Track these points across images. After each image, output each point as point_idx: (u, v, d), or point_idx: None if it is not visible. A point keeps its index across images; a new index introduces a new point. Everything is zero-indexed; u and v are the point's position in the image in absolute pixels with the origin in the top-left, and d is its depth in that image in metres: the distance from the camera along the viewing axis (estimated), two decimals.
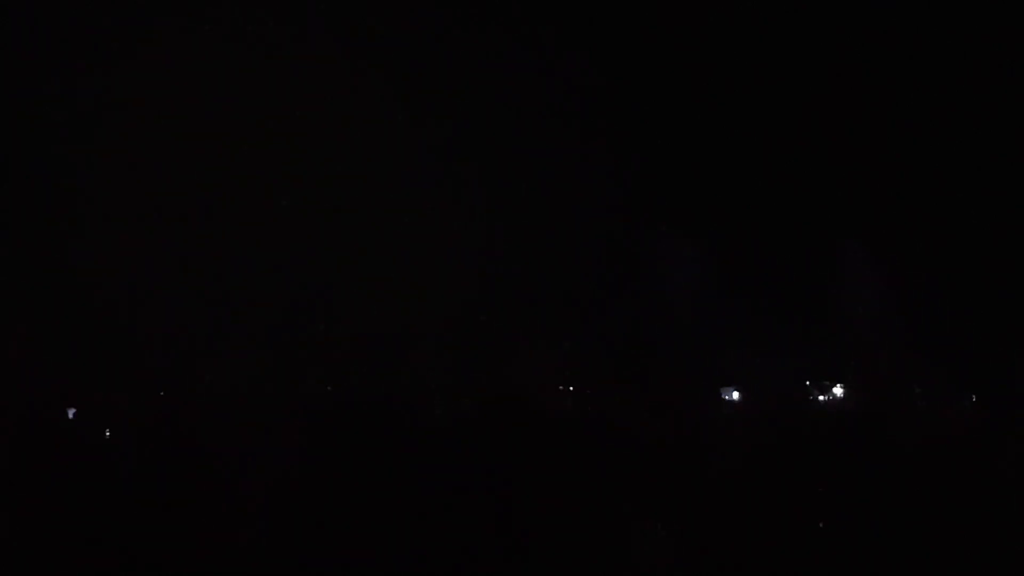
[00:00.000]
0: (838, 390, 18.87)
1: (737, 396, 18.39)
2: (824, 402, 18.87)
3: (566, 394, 17.79)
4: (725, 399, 18.22)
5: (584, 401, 17.67)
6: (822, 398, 18.91)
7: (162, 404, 15.49)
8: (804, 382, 18.90)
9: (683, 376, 17.71)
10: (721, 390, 18.34)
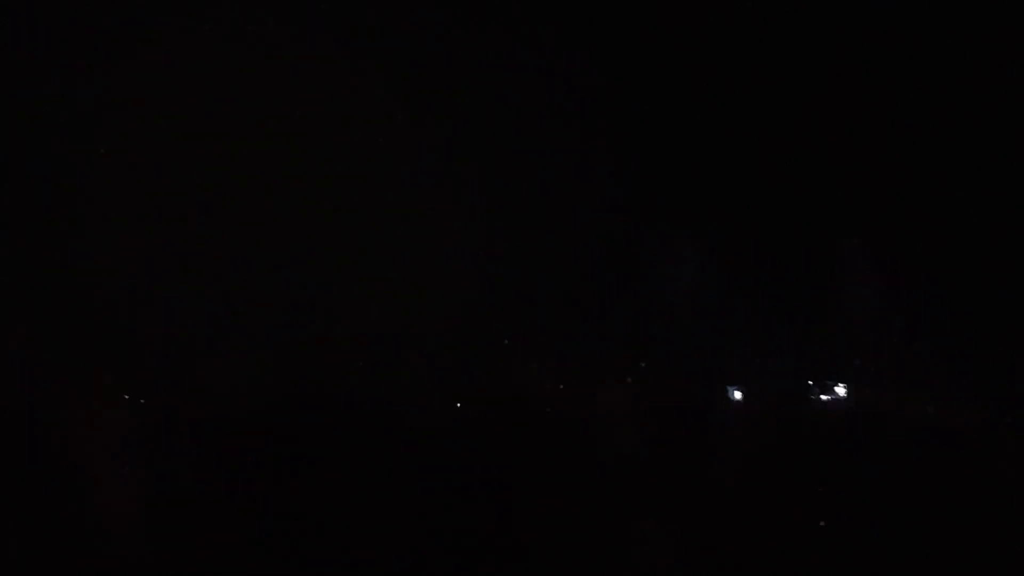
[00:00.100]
0: (841, 390, 18.81)
1: (739, 396, 18.35)
2: (827, 402, 18.81)
3: (567, 394, 17.78)
4: (727, 398, 18.18)
5: (585, 401, 17.65)
6: (824, 398, 18.85)
7: (159, 404, 15.52)
8: (806, 381, 18.85)
9: (684, 376, 17.70)
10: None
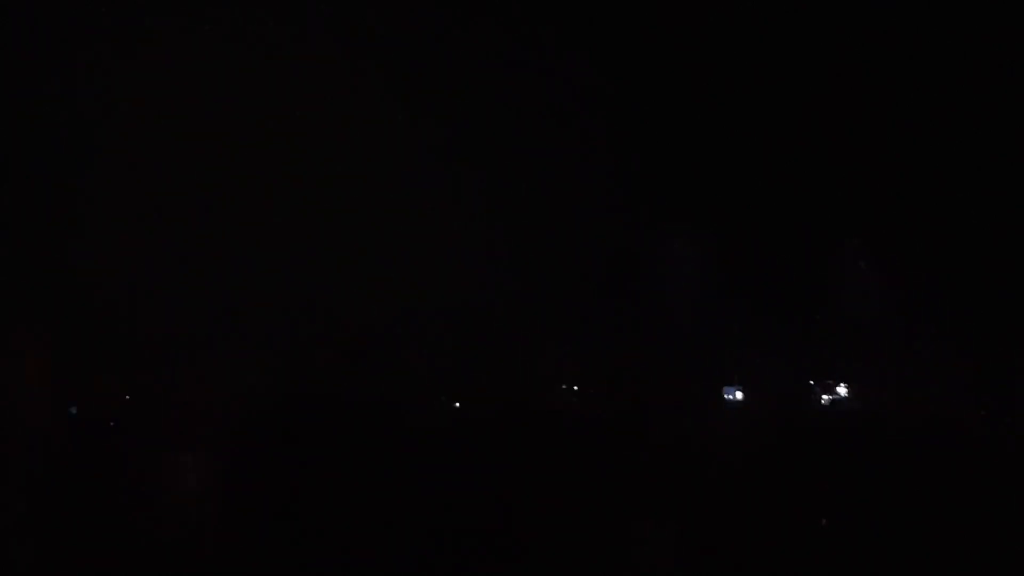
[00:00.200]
0: (842, 390, 18.80)
1: (740, 396, 18.34)
2: (828, 402, 18.80)
3: (570, 394, 17.77)
4: (728, 398, 18.16)
5: (587, 401, 17.64)
6: (826, 398, 18.83)
7: (162, 402, 15.50)
8: (808, 382, 18.84)
9: (686, 376, 17.67)
10: (724, 389, 18.27)
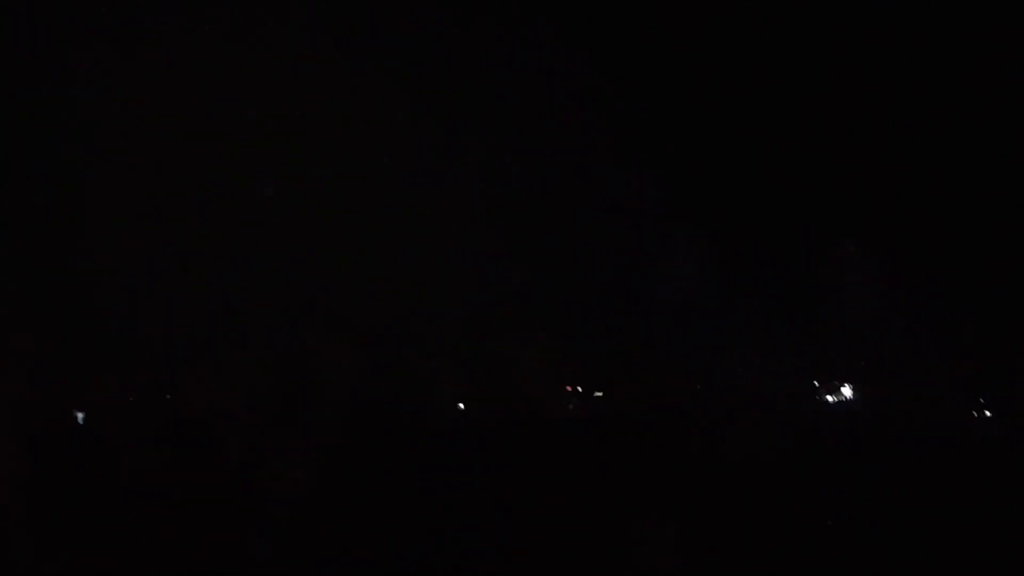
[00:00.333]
0: (847, 390, 18.77)
1: (745, 396, 18.32)
2: (833, 402, 18.77)
3: (572, 394, 17.80)
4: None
5: (589, 401, 17.67)
6: (831, 398, 18.81)
7: (169, 407, 15.61)
8: (813, 382, 18.83)
9: (690, 376, 17.69)
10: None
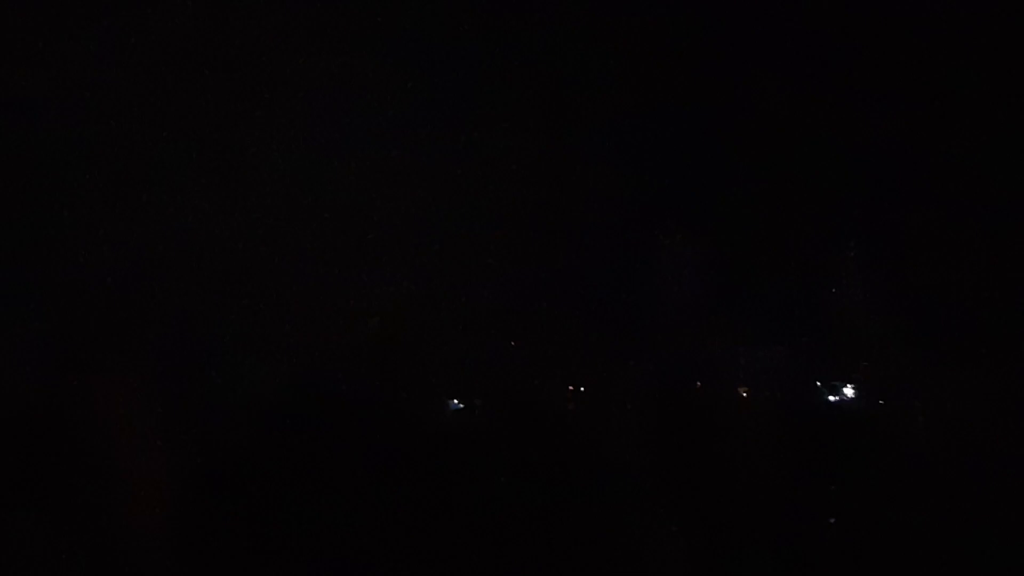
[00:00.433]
0: (849, 390, 18.75)
1: (745, 396, 18.31)
2: (835, 402, 18.75)
3: (574, 395, 17.77)
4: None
5: (591, 401, 17.64)
6: (832, 398, 18.79)
7: (166, 403, 15.54)
8: (814, 382, 18.81)
9: (689, 376, 17.68)
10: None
